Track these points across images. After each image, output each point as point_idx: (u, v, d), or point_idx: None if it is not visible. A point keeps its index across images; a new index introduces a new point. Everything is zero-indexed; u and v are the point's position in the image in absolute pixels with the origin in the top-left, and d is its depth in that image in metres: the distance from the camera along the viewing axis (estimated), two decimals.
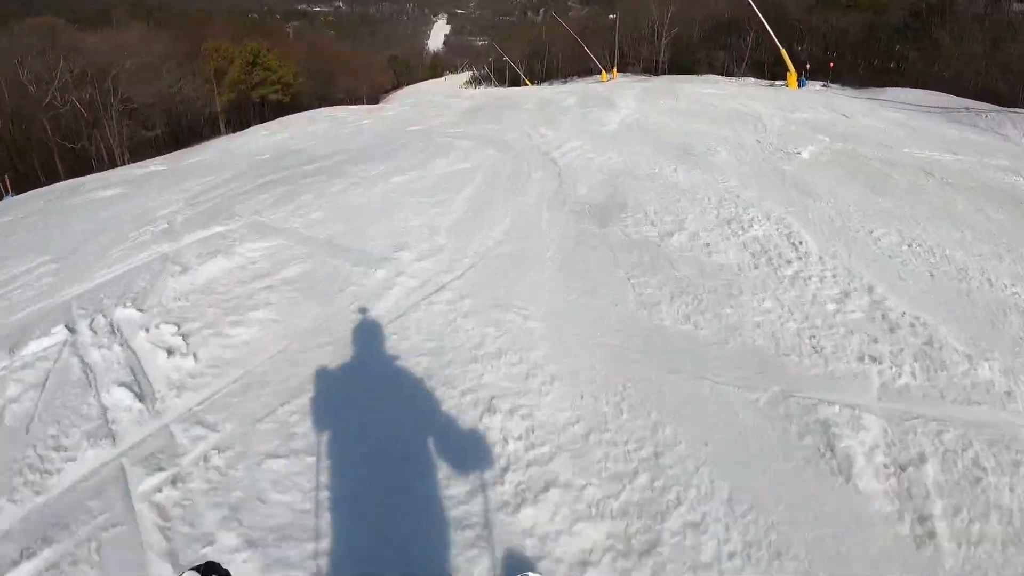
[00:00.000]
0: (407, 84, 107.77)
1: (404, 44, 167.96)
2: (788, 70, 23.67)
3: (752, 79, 31.57)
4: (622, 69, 42.00)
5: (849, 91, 22.40)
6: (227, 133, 29.94)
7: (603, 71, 39.06)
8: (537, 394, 3.14)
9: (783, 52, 24.03)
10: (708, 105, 14.07)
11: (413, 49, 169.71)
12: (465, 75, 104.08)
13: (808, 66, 25.42)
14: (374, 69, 61.86)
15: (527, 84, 50.27)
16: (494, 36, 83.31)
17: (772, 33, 24.19)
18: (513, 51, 65.34)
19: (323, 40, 69.02)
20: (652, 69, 41.45)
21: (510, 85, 60.71)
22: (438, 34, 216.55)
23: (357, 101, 58.20)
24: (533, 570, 2.04)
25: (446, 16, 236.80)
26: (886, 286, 4.28)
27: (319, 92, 48.27)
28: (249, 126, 34.14)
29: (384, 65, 79.64)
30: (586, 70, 49.38)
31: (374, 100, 67.59)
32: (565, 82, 47.98)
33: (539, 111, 14.75)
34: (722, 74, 35.35)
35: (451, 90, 67.03)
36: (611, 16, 41.00)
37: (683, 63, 39.52)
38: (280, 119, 26.92)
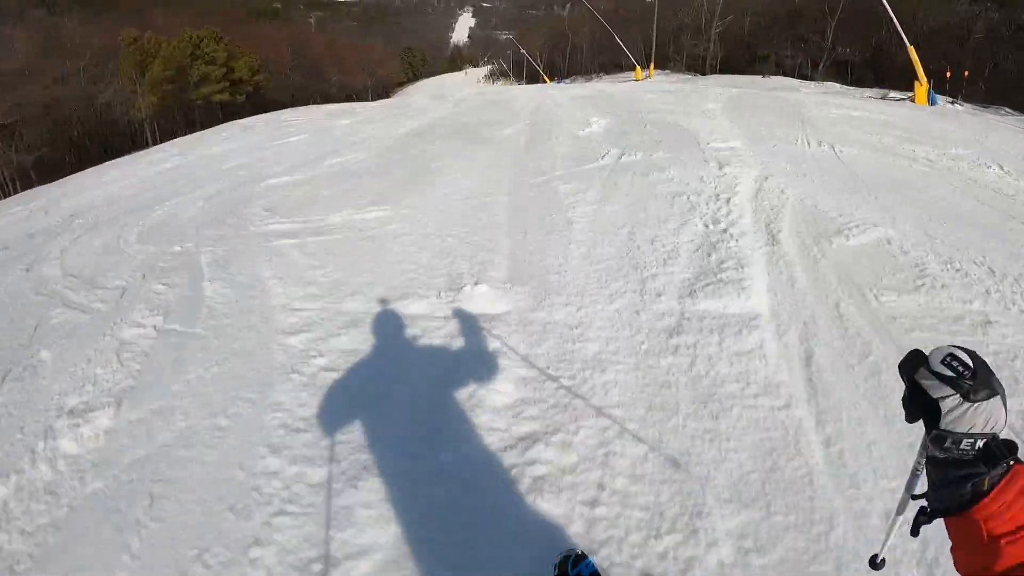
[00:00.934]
0: (426, 77, 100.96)
1: (427, 36, 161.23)
2: (917, 79, 15.28)
3: (838, 85, 22.80)
4: (660, 66, 33.58)
5: (997, 114, 13.99)
6: (152, 145, 22.77)
7: (637, 67, 30.74)
8: None
9: (913, 54, 15.56)
10: (902, 159, 6.16)
11: (436, 41, 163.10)
12: (485, 69, 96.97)
13: (949, 74, 16.91)
14: (375, 61, 54.06)
15: (545, 81, 42.16)
16: (519, 29, 75.12)
17: (901, 29, 15.80)
18: (535, 45, 57.03)
19: (308, 29, 61.55)
20: (698, 67, 32.97)
21: (528, 82, 52.60)
22: (463, 27, 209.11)
23: (360, 96, 50.86)
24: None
25: (472, 9, 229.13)
26: None
27: (310, 88, 40.98)
28: (195, 131, 27.01)
29: (392, 57, 72.01)
30: (615, 65, 40.96)
31: (384, 95, 60.54)
32: (589, 79, 39.72)
33: (522, 158, 6.90)
34: (794, 76, 26.79)
35: (461, 86, 59.17)
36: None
37: (737, 61, 31.00)
38: (200, 133, 19.69)
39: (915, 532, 0.77)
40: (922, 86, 14.84)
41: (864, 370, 2.30)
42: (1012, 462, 0.66)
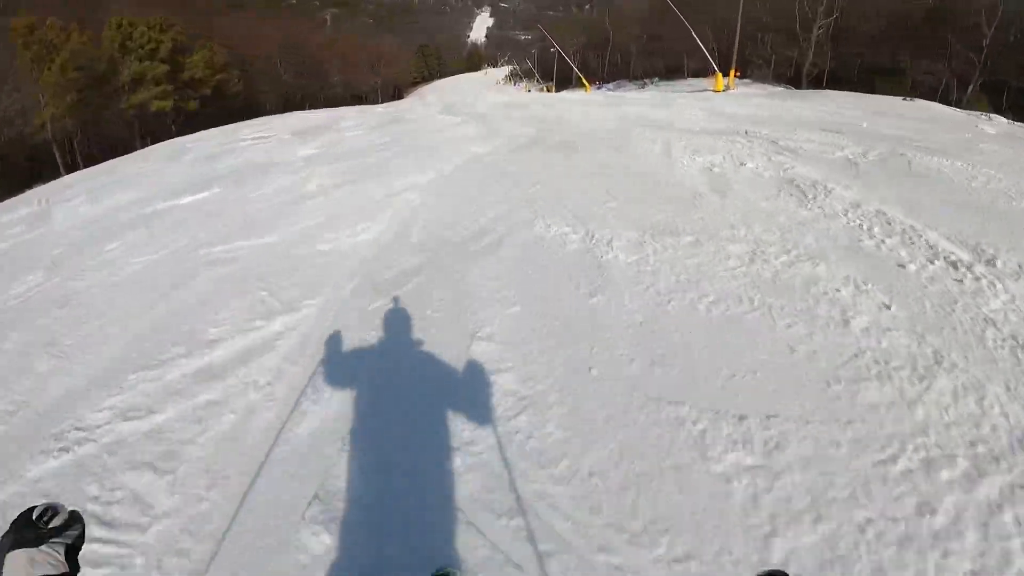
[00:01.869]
0: (442, 76, 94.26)
1: (445, 35, 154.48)
2: None
3: (1005, 121, 14.17)
4: (741, 73, 26.45)
5: None
6: (64, 173, 15.90)
7: (716, 74, 23.56)
8: None
9: None
10: None
11: (454, 40, 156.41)
12: (505, 69, 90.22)
13: None
14: (385, 60, 47.00)
15: (585, 88, 34.96)
16: (540, 25, 67.69)
17: None
18: (564, 43, 49.75)
19: (309, 23, 54.51)
20: (792, 77, 25.72)
21: (559, 87, 45.31)
22: (481, 27, 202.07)
23: (369, 98, 44.03)
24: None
25: (489, 9, 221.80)
26: None
27: (308, 88, 34.17)
28: (133, 149, 20.02)
29: (406, 55, 65.04)
30: (674, 69, 33.74)
31: (396, 95, 53.84)
32: (643, 86, 32.56)
33: None
34: (935, 99, 19.50)
35: (479, 89, 52.20)
36: None
37: (844, 73, 23.70)
38: (108, 163, 12.94)
39: None
40: None
41: None
42: None
